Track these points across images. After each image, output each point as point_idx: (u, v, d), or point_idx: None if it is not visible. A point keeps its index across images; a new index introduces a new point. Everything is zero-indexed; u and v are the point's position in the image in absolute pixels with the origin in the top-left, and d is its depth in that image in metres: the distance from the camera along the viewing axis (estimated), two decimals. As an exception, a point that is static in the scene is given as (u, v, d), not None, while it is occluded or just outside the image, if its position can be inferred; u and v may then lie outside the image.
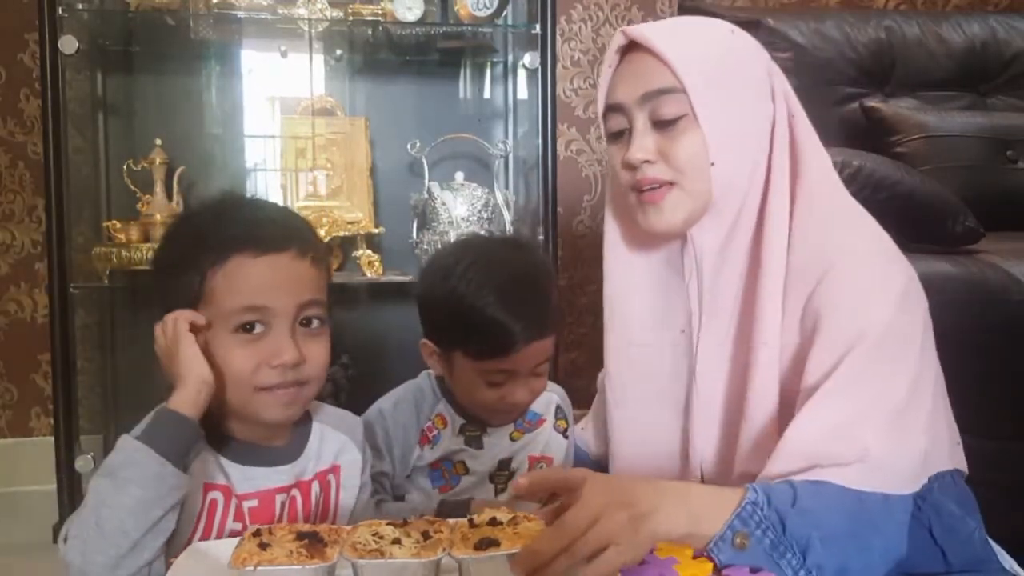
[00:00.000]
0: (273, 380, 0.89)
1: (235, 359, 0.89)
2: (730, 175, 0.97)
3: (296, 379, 0.91)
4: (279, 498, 0.95)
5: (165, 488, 0.82)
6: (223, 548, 0.78)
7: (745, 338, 0.98)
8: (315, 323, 0.93)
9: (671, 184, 0.97)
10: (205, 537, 0.89)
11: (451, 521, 0.81)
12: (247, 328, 0.89)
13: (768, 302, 0.95)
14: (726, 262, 1.01)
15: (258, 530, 0.78)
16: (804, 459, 0.85)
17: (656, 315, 1.07)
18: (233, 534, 0.91)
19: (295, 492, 0.97)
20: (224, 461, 0.93)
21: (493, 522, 0.79)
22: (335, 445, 1.02)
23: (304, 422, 1.01)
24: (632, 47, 0.99)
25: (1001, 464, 1.48)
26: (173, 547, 0.85)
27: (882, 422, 0.86)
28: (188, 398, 0.86)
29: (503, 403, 1.11)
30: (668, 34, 0.99)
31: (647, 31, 0.98)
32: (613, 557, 0.75)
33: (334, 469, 1.02)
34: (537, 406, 1.21)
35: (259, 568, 0.71)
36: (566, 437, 1.23)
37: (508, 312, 1.07)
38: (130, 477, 0.81)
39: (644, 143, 0.97)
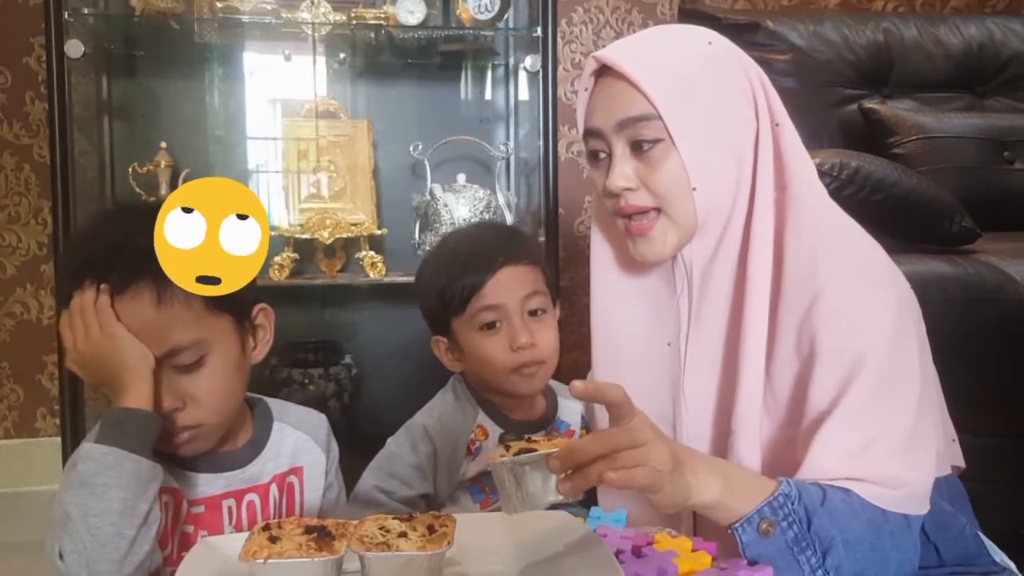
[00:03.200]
0: None
1: None
2: (713, 196, 0.96)
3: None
4: (226, 503, 0.94)
5: (144, 483, 0.83)
6: (233, 542, 0.80)
7: (733, 351, 0.98)
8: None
9: (656, 210, 0.97)
10: (160, 540, 0.89)
11: (457, 516, 0.82)
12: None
13: (755, 317, 0.94)
14: (713, 276, 1.00)
15: (267, 524, 0.79)
16: (828, 478, 0.87)
17: (645, 329, 1.07)
18: (184, 536, 0.92)
19: (252, 496, 0.96)
20: (170, 466, 0.92)
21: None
22: (296, 446, 1.02)
23: (265, 423, 1.00)
24: (606, 69, 0.98)
25: (997, 461, 1.49)
26: None
27: (895, 447, 0.87)
28: (142, 392, 0.84)
29: (514, 348, 1.10)
30: (640, 56, 0.96)
31: (619, 55, 0.96)
32: (651, 474, 0.77)
33: (295, 470, 1.01)
34: (564, 414, 1.20)
35: (269, 561, 0.72)
36: None
37: (473, 246, 1.13)
38: (108, 482, 0.81)
39: (624, 170, 0.96)
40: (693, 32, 1.01)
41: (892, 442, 0.87)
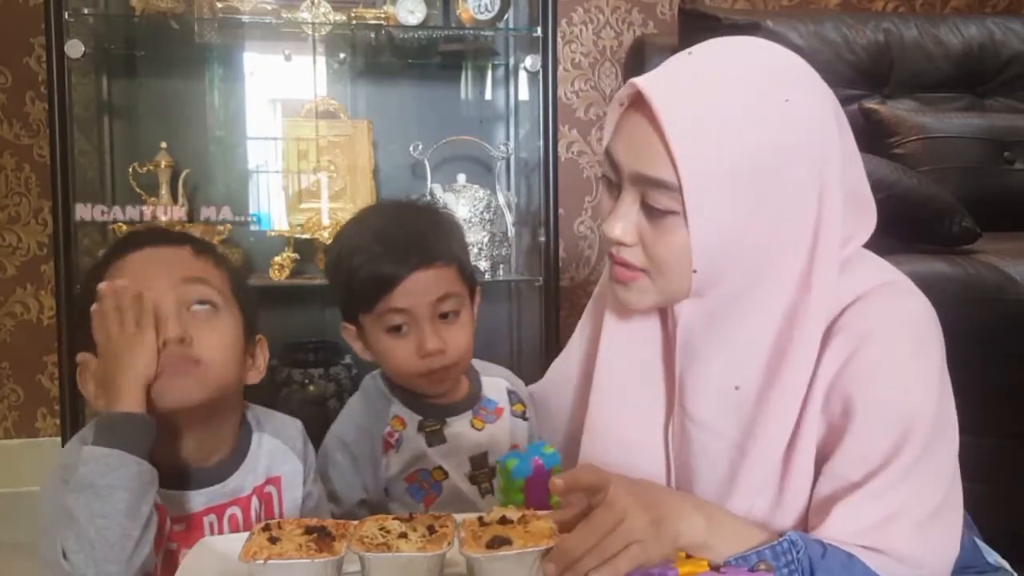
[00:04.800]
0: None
1: None
2: (717, 278, 0.86)
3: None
4: (207, 520, 0.94)
5: (145, 485, 0.84)
6: (233, 543, 0.80)
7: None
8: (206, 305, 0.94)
9: (644, 271, 0.87)
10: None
11: (459, 517, 0.82)
12: None
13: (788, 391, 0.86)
14: (709, 339, 0.91)
15: (267, 524, 0.79)
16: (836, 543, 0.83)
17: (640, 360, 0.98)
18: (169, 554, 0.92)
19: (234, 510, 0.96)
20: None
21: (503, 520, 0.80)
22: (273, 455, 1.01)
23: (246, 433, 1.00)
24: (642, 97, 0.83)
25: (998, 462, 1.50)
26: None
27: (922, 520, 0.82)
28: (139, 398, 0.85)
29: (421, 355, 1.06)
30: (685, 105, 0.81)
31: (660, 96, 0.81)
32: (636, 553, 0.76)
33: (274, 480, 1.01)
34: (489, 392, 1.17)
35: (269, 562, 0.72)
36: (526, 419, 1.19)
37: (387, 240, 1.06)
38: (113, 484, 0.81)
39: (626, 224, 0.86)
40: (770, 82, 0.83)
41: (920, 515, 0.82)
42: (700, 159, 0.80)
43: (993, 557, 0.98)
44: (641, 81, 0.83)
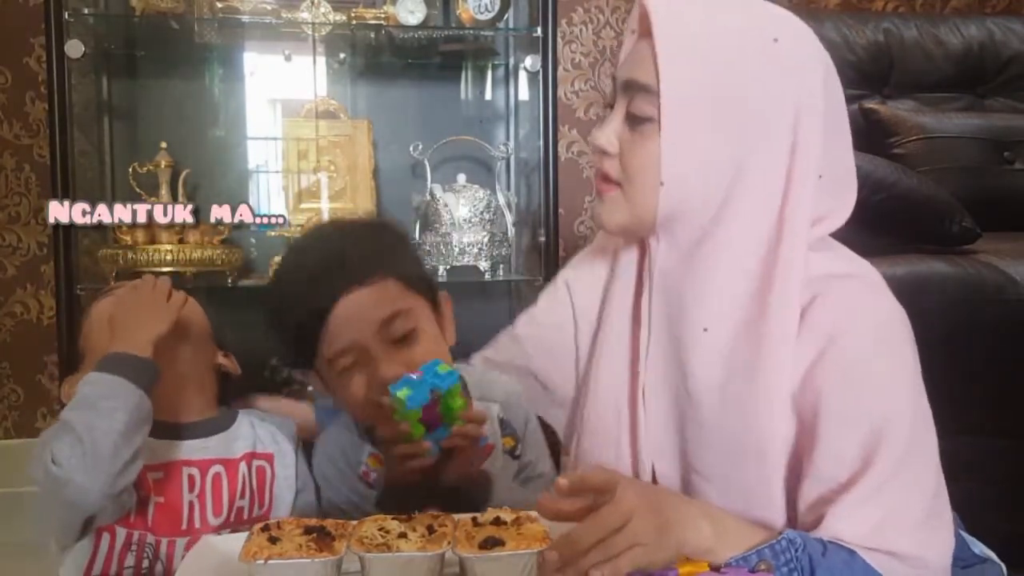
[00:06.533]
0: None
1: None
2: (684, 201, 0.87)
3: None
4: (186, 470, 0.97)
5: (143, 417, 0.88)
6: (232, 542, 0.80)
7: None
8: None
9: (619, 185, 0.90)
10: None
11: (456, 517, 0.82)
12: None
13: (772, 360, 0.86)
14: (684, 289, 0.90)
15: (266, 525, 0.79)
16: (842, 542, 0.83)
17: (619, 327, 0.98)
18: (142, 500, 0.95)
19: (218, 468, 0.99)
20: None
21: (497, 521, 0.80)
22: (264, 435, 1.05)
23: (229, 412, 1.05)
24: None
25: (998, 462, 1.50)
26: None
27: (919, 517, 0.83)
28: (148, 347, 0.91)
29: (379, 391, 0.90)
30: (682, 16, 0.86)
31: (658, 11, 0.85)
32: (638, 555, 0.76)
33: (267, 456, 1.04)
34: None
35: (269, 562, 0.73)
36: (515, 457, 1.05)
37: (302, 276, 0.95)
38: (116, 406, 0.85)
39: (610, 132, 0.89)
40: (766, 19, 0.88)
41: (915, 514, 0.83)
42: (679, 65, 0.84)
43: (979, 548, 0.98)
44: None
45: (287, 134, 2.06)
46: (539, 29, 1.94)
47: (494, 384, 1.07)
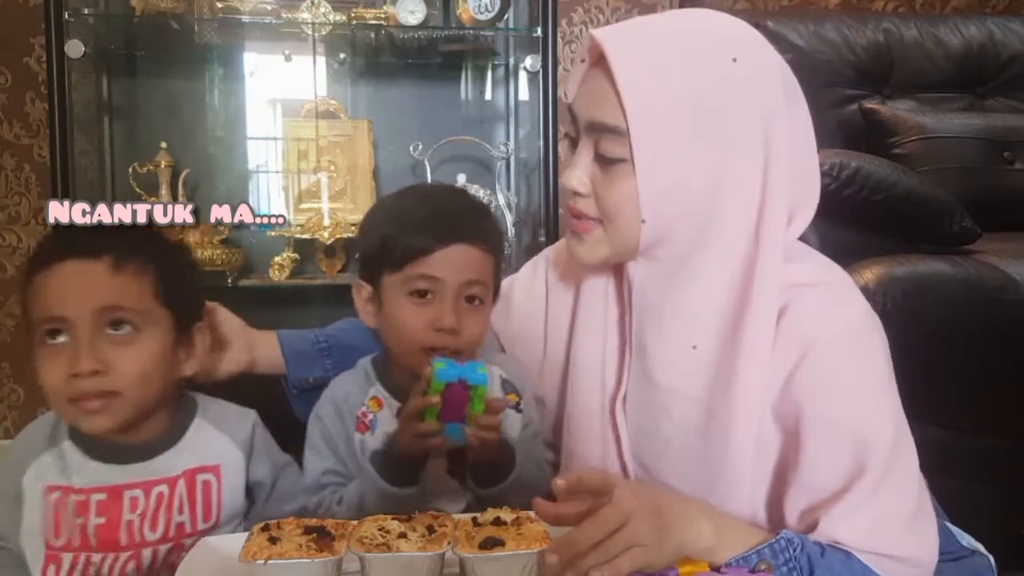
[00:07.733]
0: (74, 391, 0.89)
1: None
2: (667, 231, 0.88)
3: (99, 389, 0.89)
4: (128, 493, 0.94)
5: None
6: (232, 543, 0.80)
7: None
8: (124, 328, 0.90)
9: (598, 222, 0.90)
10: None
11: (456, 517, 0.82)
12: None
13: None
14: (663, 308, 0.92)
15: (266, 525, 0.79)
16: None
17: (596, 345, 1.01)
18: (82, 525, 0.92)
19: (162, 488, 0.95)
20: (76, 456, 0.94)
21: (497, 521, 0.80)
22: (210, 443, 1.00)
23: (184, 419, 1.00)
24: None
25: (998, 462, 1.50)
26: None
27: (907, 516, 0.85)
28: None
29: (435, 328, 1.01)
30: (637, 54, 0.84)
31: (614, 46, 0.84)
32: (638, 556, 0.77)
33: (212, 469, 0.99)
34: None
35: (269, 562, 0.73)
36: (519, 411, 1.11)
37: (436, 208, 1.05)
38: None
39: (581, 173, 0.89)
40: (720, 39, 0.87)
41: (904, 516, 0.84)
42: (646, 104, 0.83)
43: (967, 540, 0.99)
44: (599, 32, 0.87)
45: (287, 134, 2.06)
46: (539, 29, 1.94)
47: (493, 353, 1.15)
